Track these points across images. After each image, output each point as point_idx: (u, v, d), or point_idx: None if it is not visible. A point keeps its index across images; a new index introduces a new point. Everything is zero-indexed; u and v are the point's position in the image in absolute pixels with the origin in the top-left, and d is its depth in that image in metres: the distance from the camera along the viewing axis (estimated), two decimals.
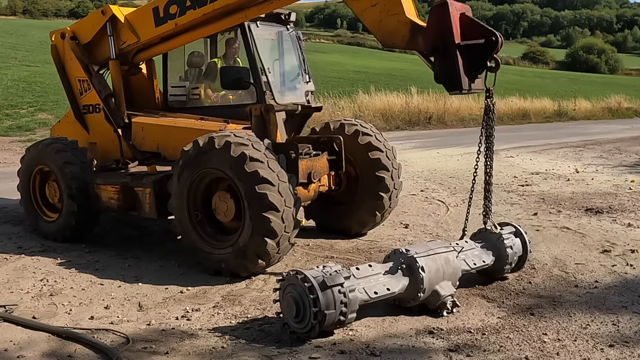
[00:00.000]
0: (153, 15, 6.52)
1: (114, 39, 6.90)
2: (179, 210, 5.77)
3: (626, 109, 31.83)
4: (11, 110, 19.06)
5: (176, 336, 4.32)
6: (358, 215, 6.93)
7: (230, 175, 5.39)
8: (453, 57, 4.82)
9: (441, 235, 7.00)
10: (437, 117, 22.87)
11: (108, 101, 6.99)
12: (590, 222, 7.68)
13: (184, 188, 5.69)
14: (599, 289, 5.30)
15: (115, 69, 7.00)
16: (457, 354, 4.03)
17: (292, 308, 4.19)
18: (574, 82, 44.92)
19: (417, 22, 5.01)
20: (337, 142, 6.53)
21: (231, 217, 5.60)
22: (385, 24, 5.17)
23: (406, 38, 5.08)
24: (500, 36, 4.83)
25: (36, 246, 6.74)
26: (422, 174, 11.55)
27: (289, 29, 6.99)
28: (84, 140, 7.28)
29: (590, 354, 4.02)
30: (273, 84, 6.34)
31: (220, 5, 6.00)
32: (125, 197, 6.48)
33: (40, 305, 4.97)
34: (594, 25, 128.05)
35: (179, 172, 5.71)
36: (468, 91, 4.94)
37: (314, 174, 6.10)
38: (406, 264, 4.60)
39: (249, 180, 5.27)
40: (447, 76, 4.91)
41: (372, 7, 5.21)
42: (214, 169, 5.53)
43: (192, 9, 6.16)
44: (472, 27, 4.89)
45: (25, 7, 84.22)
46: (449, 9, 4.78)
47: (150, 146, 6.80)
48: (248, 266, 5.47)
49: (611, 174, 11.59)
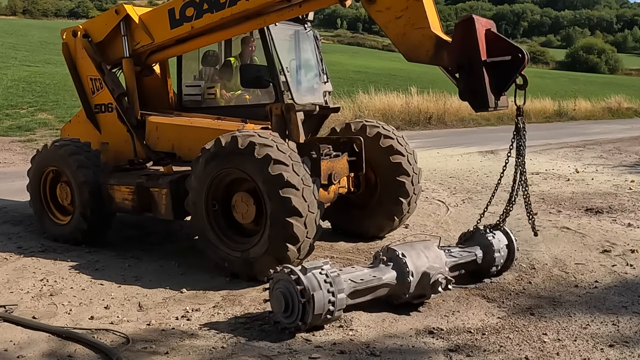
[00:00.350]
0: (168, 16, 6.42)
1: (128, 39, 6.81)
2: (196, 194, 5.56)
3: (626, 109, 31.84)
4: (11, 110, 19.06)
5: (176, 336, 4.32)
6: (376, 219, 6.80)
7: (253, 177, 5.24)
8: (479, 74, 4.72)
9: (441, 236, 6.99)
10: (437, 117, 22.87)
11: (121, 100, 6.92)
12: (590, 222, 7.68)
13: (206, 179, 5.48)
14: (599, 289, 5.30)
15: (128, 67, 6.91)
16: (457, 354, 4.03)
17: (281, 302, 4.27)
18: (574, 82, 44.97)
19: (442, 37, 4.90)
20: (358, 143, 6.41)
21: (250, 219, 5.47)
22: (409, 38, 5.03)
23: (430, 53, 4.95)
24: (526, 53, 4.74)
25: (36, 246, 6.74)
26: (422, 174, 11.53)
27: (306, 28, 6.87)
28: (95, 140, 7.17)
29: (590, 354, 4.02)
30: (291, 84, 6.22)
31: (239, 9, 5.89)
32: (140, 197, 6.33)
33: (40, 305, 4.97)
34: (594, 25, 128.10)
35: (202, 165, 5.49)
36: (494, 109, 4.86)
37: (335, 175, 6.00)
38: (386, 255, 4.73)
39: (272, 184, 5.11)
40: (473, 93, 4.82)
41: (396, 19, 5.07)
42: (236, 169, 5.37)
43: (209, 13, 6.05)
44: (497, 43, 4.80)
45: (25, 7, 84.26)
46: (475, 24, 4.69)
47: (164, 146, 6.71)
48: (267, 271, 5.10)
49: (611, 174, 11.58)
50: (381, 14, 5.18)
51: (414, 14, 4.98)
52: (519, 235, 6.64)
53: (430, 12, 5.01)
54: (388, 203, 6.70)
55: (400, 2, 5.03)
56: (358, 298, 4.55)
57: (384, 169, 6.68)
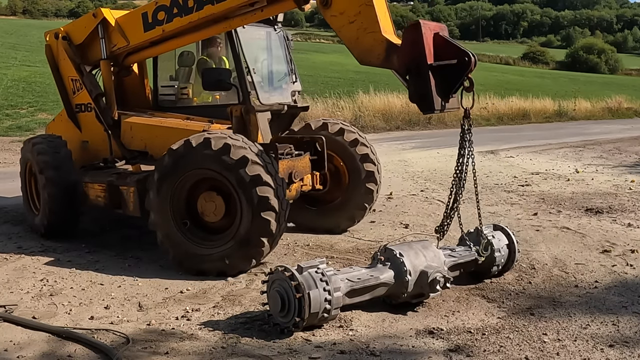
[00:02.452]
0: (142, 20, 6.61)
1: (105, 41, 6.98)
2: (161, 193, 5.69)
3: (626, 109, 31.80)
4: (11, 110, 19.07)
5: (176, 336, 4.32)
6: (347, 211, 7.09)
7: (228, 177, 5.42)
8: (426, 77, 4.82)
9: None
10: (437, 117, 22.81)
11: (98, 100, 7.09)
12: (590, 222, 7.68)
13: (173, 179, 5.64)
14: (599, 289, 5.30)
15: (106, 69, 7.08)
16: (457, 354, 4.03)
17: (278, 301, 4.30)
18: (574, 82, 44.91)
19: (392, 41, 5.02)
20: (320, 142, 6.66)
21: (218, 218, 5.65)
22: (361, 42, 5.18)
23: (382, 57, 5.09)
24: (473, 56, 4.82)
25: (36, 246, 6.74)
26: (422, 174, 11.55)
27: (276, 30, 7.11)
28: (76, 138, 7.41)
29: (590, 354, 4.02)
30: (258, 84, 6.44)
31: (206, 14, 6.08)
32: (111, 195, 6.62)
33: (40, 305, 4.97)
34: (594, 25, 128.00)
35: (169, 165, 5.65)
36: (441, 111, 4.97)
37: (295, 174, 6.23)
38: (384, 255, 4.75)
39: (250, 183, 5.32)
40: (420, 96, 4.92)
41: (350, 24, 5.23)
42: (207, 170, 5.53)
43: (178, 17, 6.24)
44: (445, 47, 4.91)
45: (25, 7, 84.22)
46: (422, 29, 4.79)
47: (138, 145, 6.90)
48: (240, 267, 5.57)
49: (611, 174, 11.58)
50: (336, 19, 5.32)
51: (366, 18, 5.11)
52: (519, 235, 6.64)
53: (382, 16, 5.14)
54: (359, 193, 7.01)
55: (353, 6, 5.17)
56: (356, 297, 4.55)
57: (350, 161, 6.97)
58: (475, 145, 5.30)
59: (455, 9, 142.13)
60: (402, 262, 4.66)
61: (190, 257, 5.66)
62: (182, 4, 6.17)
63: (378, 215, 8.21)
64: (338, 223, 7.16)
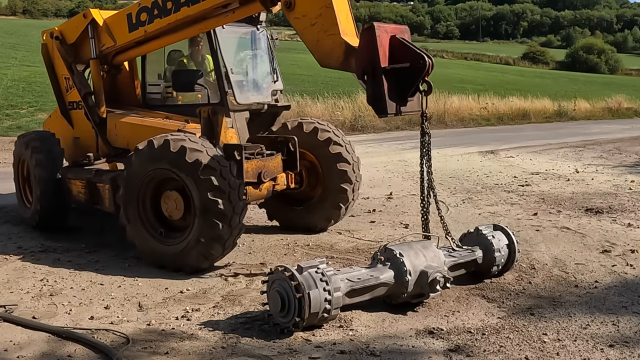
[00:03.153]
0: (127, 21, 6.81)
1: (95, 41, 7.21)
2: (129, 190, 5.95)
3: (626, 109, 31.77)
4: (11, 110, 19.07)
5: (176, 336, 4.32)
6: (323, 211, 7.14)
7: (184, 179, 5.61)
8: (379, 81, 4.84)
9: (441, 235, 6.99)
10: (437, 117, 22.83)
11: (87, 99, 7.31)
12: (590, 222, 7.68)
13: (138, 177, 5.87)
14: (599, 289, 5.30)
15: (95, 68, 7.30)
16: (457, 354, 4.03)
17: (277, 301, 4.31)
18: (574, 82, 44.88)
19: (351, 44, 5.04)
20: (292, 142, 6.72)
21: (179, 216, 5.83)
22: (322, 44, 5.23)
23: (340, 59, 5.13)
24: (429, 60, 4.83)
25: (36, 246, 6.74)
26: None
27: (259, 29, 7.22)
28: (69, 134, 7.71)
29: (590, 354, 4.02)
30: (236, 84, 6.60)
31: (183, 15, 6.24)
32: (90, 191, 6.93)
33: (40, 305, 4.97)
34: (594, 25, 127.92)
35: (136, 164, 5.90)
36: (396, 114, 4.97)
37: (265, 174, 6.29)
38: (384, 255, 4.75)
39: (202, 187, 5.48)
40: (375, 100, 4.91)
41: (311, 26, 5.28)
42: (167, 170, 5.73)
43: (159, 18, 6.44)
44: (402, 50, 4.92)
45: (25, 7, 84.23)
46: (376, 32, 4.81)
47: (122, 143, 7.09)
48: (194, 265, 5.70)
49: (611, 174, 11.58)
50: (299, 21, 5.38)
51: (326, 20, 5.16)
52: (519, 235, 6.64)
53: (342, 18, 5.19)
54: (333, 192, 7.05)
55: (314, 9, 5.23)
56: (356, 297, 4.55)
57: (325, 160, 7.03)
58: (475, 145, 5.29)
59: (455, 9, 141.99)
60: (402, 262, 4.66)
61: (153, 253, 5.90)
62: (161, 5, 6.36)
63: (378, 215, 8.21)
64: (315, 222, 7.22)
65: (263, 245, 6.73)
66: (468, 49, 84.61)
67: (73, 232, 7.39)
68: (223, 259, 6.20)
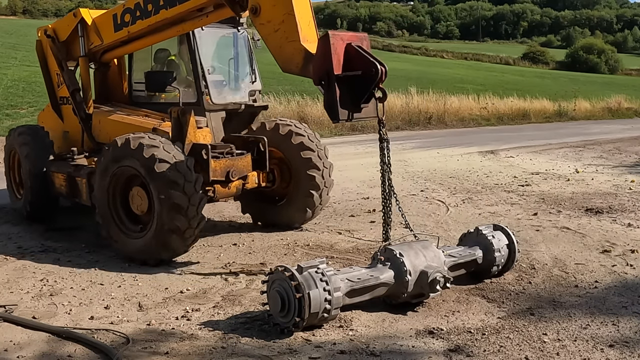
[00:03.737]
0: (113, 21, 7.07)
1: (84, 39, 7.48)
2: (100, 187, 6.25)
3: (626, 109, 31.77)
4: (11, 110, 19.07)
5: (176, 336, 4.32)
6: (289, 211, 7.30)
7: (143, 174, 5.87)
8: (332, 88, 5.00)
9: (441, 236, 7.00)
10: (437, 117, 22.84)
11: (75, 95, 7.62)
12: (590, 222, 7.68)
13: (107, 175, 6.17)
14: (599, 289, 5.30)
15: (83, 65, 7.60)
16: (457, 354, 4.03)
17: (278, 301, 4.31)
18: (574, 82, 44.85)
19: (310, 50, 5.18)
20: (262, 142, 6.87)
21: (144, 211, 6.07)
22: (284, 50, 5.41)
23: (300, 65, 5.30)
24: (382, 68, 4.97)
25: (36, 246, 6.74)
26: (422, 174, 11.54)
27: (240, 30, 7.42)
28: (59, 128, 8.06)
29: (590, 354, 4.02)
30: (213, 84, 6.87)
31: (162, 18, 6.50)
32: (70, 185, 7.24)
33: (40, 305, 4.97)
34: (594, 25, 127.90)
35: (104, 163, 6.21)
36: (348, 120, 5.10)
37: (233, 173, 6.47)
38: (384, 255, 4.76)
39: (157, 180, 5.74)
40: (328, 106, 5.07)
41: (274, 32, 5.49)
42: (130, 167, 6.01)
43: (140, 19, 6.70)
44: (357, 58, 5.04)
45: (25, 7, 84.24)
46: (331, 40, 4.94)
47: (104, 138, 7.29)
48: (157, 256, 5.93)
49: (611, 174, 11.58)
50: (263, 27, 5.59)
51: (288, 27, 5.35)
52: (519, 235, 6.64)
53: (304, 25, 5.37)
54: (300, 196, 7.19)
55: (278, 15, 5.43)
56: (356, 297, 4.55)
57: (296, 164, 7.17)
58: (475, 145, 5.31)
59: (455, 9, 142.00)
60: (402, 262, 4.66)
61: (124, 246, 6.15)
62: (142, 7, 6.60)
63: (378, 215, 8.19)
64: (281, 220, 7.36)
65: (263, 245, 6.73)
66: (468, 49, 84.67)
67: (73, 232, 7.39)
68: (223, 259, 6.21)
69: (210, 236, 7.07)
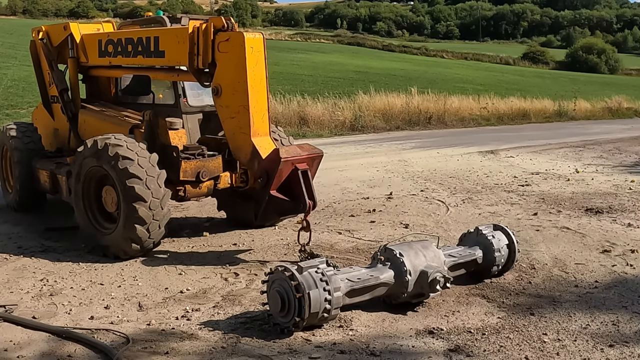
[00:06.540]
0: (97, 46, 7.35)
1: (72, 51, 7.72)
2: (75, 187, 6.55)
3: (626, 109, 31.76)
4: (11, 110, 19.04)
5: (176, 336, 4.32)
6: None
7: (109, 171, 6.14)
8: (262, 198, 5.64)
9: (441, 236, 7.00)
10: (437, 117, 22.83)
11: (63, 94, 7.89)
12: (590, 222, 7.68)
13: (81, 175, 6.47)
14: (599, 289, 5.30)
15: (72, 66, 7.78)
16: (457, 354, 4.03)
17: (277, 301, 4.32)
18: (574, 82, 44.89)
19: (258, 147, 5.74)
20: None
21: (115, 208, 6.30)
22: (236, 139, 5.96)
23: (247, 158, 5.90)
24: (309, 206, 5.56)
25: (36, 246, 6.74)
26: (422, 174, 11.54)
27: None
28: (50, 125, 8.31)
29: (590, 354, 4.03)
30: (189, 87, 7.10)
31: (138, 62, 6.89)
32: (52, 181, 7.50)
33: (40, 305, 4.97)
34: (594, 25, 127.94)
35: (78, 164, 6.51)
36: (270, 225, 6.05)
37: (203, 173, 6.61)
38: (384, 255, 4.76)
39: (121, 175, 6.01)
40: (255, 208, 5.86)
41: (230, 119, 5.97)
42: (99, 167, 6.26)
43: (121, 56, 7.04)
44: (295, 186, 5.59)
45: (25, 7, 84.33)
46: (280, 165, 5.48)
47: (88, 137, 7.35)
48: (125, 250, 6.12)
49: (611, 174, 11.58)
50: (222, 109, 6.07)
51: (242, 119, 5.84)
52: (519, 235, 6.64)
53: (257, 119, 5.85)
54: None
55: (234, 105, 5.91)
56: (356, 297, 4.56)
57: None
58: (475, 145, 5.32)
59: (455, 9, 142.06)
60: (402, 262, 4.67)
61: (98, 242, 6.37)
62: (124, 46, 6.93)
63: (378, 215, 8.21)
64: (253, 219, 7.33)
65: (263, 245, 6.73)
66: (468, 49, 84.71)
67: (73, 232, 7.38)
68: (223, 259, 6.21)
69: (210, 236, 7.07)
